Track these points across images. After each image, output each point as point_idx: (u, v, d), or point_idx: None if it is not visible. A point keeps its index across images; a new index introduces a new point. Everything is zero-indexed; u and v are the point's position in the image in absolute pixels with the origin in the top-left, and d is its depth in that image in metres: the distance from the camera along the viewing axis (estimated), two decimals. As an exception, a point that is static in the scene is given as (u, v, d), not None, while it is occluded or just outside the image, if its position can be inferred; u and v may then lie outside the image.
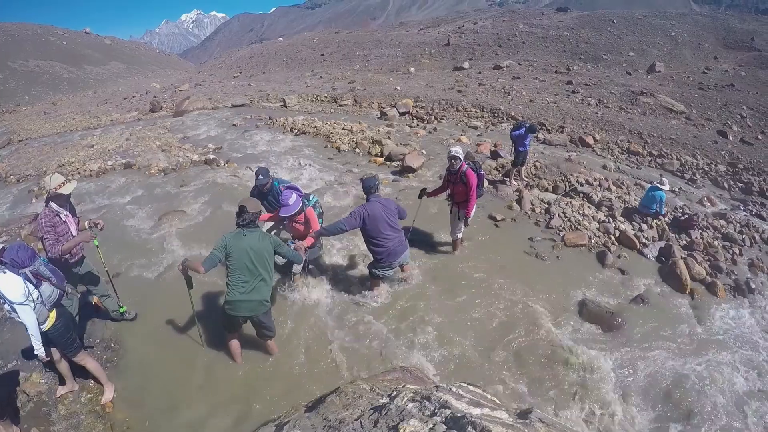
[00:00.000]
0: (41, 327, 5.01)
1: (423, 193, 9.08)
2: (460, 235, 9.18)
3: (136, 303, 7.75)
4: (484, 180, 8.91)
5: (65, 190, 6.19)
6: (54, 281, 5.26)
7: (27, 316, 4.87)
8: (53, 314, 5.19)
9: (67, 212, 6.33)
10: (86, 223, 6.89)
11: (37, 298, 4.96)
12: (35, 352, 5.07)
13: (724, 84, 26.32)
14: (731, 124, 20.76)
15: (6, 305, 4.81)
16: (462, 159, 8.48)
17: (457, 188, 8.56)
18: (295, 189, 7.14)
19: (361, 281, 8.35)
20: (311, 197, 7.76)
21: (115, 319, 7.31)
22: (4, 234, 11.02)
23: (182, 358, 6.63)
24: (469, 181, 8.27)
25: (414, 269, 8.61)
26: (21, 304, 4.81)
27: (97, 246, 6.94)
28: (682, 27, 40.85)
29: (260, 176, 8.04)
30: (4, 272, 4.76)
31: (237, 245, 5.59)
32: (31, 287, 4.92)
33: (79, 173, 15.52)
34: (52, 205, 6.15)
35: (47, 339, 5.14)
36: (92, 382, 6.15)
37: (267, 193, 8.16)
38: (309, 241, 7.15)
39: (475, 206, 8.73)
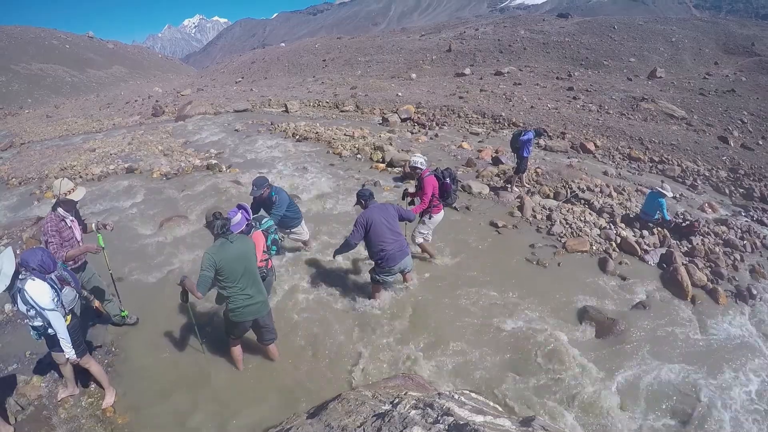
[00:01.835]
0: None
1: (406, 194, 9.20)
2: (419, 240, 9.08)
3: (138, 308, 7.75)
4: (452, 189, 8.87)
5: (75, 196, 6.22)
6: (73, 284, 5.31)
7: (57, 321, 4.93)
8: (69, 317, 5.22)
9: (73, 218, 6.36)
10: (93, 224, 6.92)
11: (59, 302, 4.99)
12: (66, 355, 5.15)
13: (724, 89, 26.34)
14: (732, 130, 20.76)
15: (31, 311, 4.83)
16: (422, 168, 8.58)
17: (418, 193, 8.69)
18: (245, 209, 6.54)
19: (363, 288, 8.35)
20: (264, 221, 7.12)
21: (116, 323, 7.32)
22: (6, 237, 11.05)
23: (183, 364, 6.63)
24: (423, 188, 8.41)
25: (415, 276, 8.59)
26: (52, 310, 4.85)
27: (104, 248, 6.97)
28: (683, 32, 40.96)
29: (254, 188, 8.01)
30: (34, 279, 4.78)
31: (225, 257, 5.40)
32: (55, 292, 4.95)
33: (81, 177, 15.56)
34: (59, 210, 6.17)
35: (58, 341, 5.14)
36: (93, 386, 6.16)
37: (267, 202, 8.16)
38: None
39: (441, 212, 8.87)
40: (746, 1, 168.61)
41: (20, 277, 4.77)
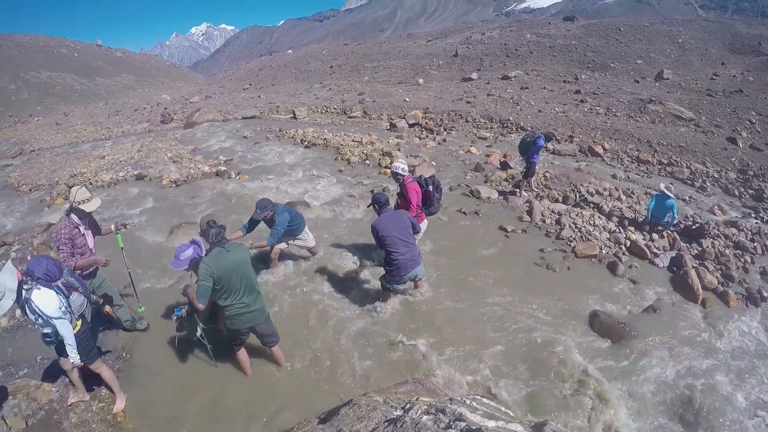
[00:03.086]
0: None
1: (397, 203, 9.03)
2: None
3: (148, 314, 7.80)
4: (435, 197, 8.63)
5: (88, 207, 6.25)
6: (81, 289, 5.34)
7: (65, 329, 4.97)
8: (79, 322, 5.26)
9: (86, 225, 6.40)
10: (113, 225, 7.00)
11: (66, 309, 5.02)
12: (71, 361, 5.17)
13: (732, 90, 26.17)
14: (740, 131, 20.60)
15: (39, 320, 4.87)
16: (404, 174, 8.29)
17: (401, 201, 8.47)
18: (197, 244, 6.05)
19: (373, 293, 8.34)
20: None
21: (127, 329, 7.36)
22: (17, 243, 11.14)
23: (193, 370, 6.67)
24: (408, 196, 8.16)
25: (426, 283, 8.58)
26: (58, 318, 4.89)
27: (122, 248, 7.06)
28: (689, 33, 40.77)
29: (258, 210, 7.82)
30: (39, 288, 4.82)
31: (223, 266, 5.36)
32: (62, 298, 4.99)
33: (91, 183, 15.70)
34: (73, 217, 6.21)
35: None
36: (104, 391, 6.20)
37: (269, 222, 8.13)
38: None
39: (425, 222, 8.64)
40: (752, 0, 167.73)
41: (26, 287, 4.79)
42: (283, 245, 8.92)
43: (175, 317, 5.66)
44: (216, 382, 6.43)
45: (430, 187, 8.53)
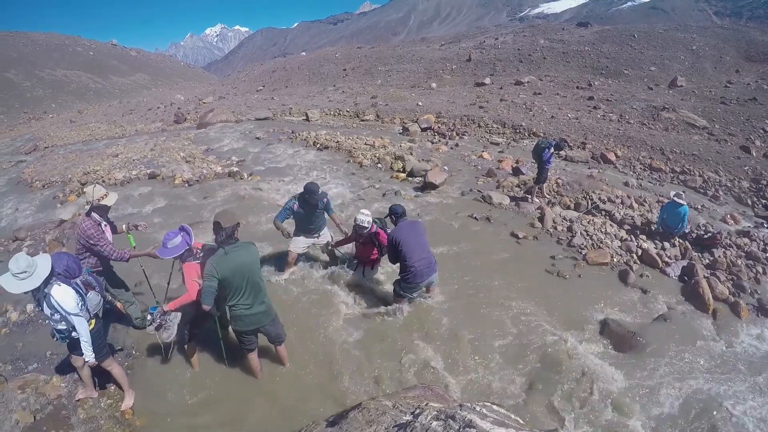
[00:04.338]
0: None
1: (328, 245, 9.19)
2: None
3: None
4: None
5: (108, 201, 6.38)
6: (97, 288, 5.40)
7: (81, 326, 5.03)
8: (93, 321, 5.30)
9: (106, 222, 6.51)
10: (124, 225, 7.09)
11: (83, 307, 5.07)
12: (86, 359, 5.23)
13: (746, 98, 25.86)
14: (754, 139, 20.35)
15: (56, 315, 4.92)
16: (369, 226, 8.04)
17: (366, 248, 8.42)
18: (186, 232, 5.93)
19: (384, 298, 8.33)
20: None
21: (137, 326, 7.41)
22: (29, 239, 11.24)
23: (202, 369, 6.68)
24: (381, 243, 8.18)
25: (438, 289, 8.55)
26: (76, 314, 4.95)
27: (134, 247, 7.11)
28: (703, 40, 40.41)
29: (312, 194, 7.94)
30: (59, 284, 4.88)
31: (226, 267, 5.25)
32: (80, 296, 5.05)
33: (104, 181, 15.82)
34: (94, 215, 6.31)
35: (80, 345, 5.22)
36: (113, 387, 6.25)
37: (315, 205, 8.19)
38: (175, 304, 5.74)
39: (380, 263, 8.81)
40: (767, 7, 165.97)
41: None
42: (304, 248, 8.97)
43: (149, 316, 5.54)
44: (225, 382, 6.46)
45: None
